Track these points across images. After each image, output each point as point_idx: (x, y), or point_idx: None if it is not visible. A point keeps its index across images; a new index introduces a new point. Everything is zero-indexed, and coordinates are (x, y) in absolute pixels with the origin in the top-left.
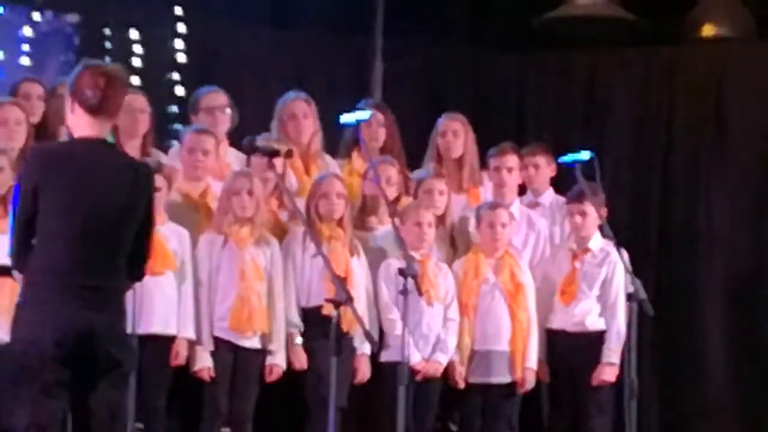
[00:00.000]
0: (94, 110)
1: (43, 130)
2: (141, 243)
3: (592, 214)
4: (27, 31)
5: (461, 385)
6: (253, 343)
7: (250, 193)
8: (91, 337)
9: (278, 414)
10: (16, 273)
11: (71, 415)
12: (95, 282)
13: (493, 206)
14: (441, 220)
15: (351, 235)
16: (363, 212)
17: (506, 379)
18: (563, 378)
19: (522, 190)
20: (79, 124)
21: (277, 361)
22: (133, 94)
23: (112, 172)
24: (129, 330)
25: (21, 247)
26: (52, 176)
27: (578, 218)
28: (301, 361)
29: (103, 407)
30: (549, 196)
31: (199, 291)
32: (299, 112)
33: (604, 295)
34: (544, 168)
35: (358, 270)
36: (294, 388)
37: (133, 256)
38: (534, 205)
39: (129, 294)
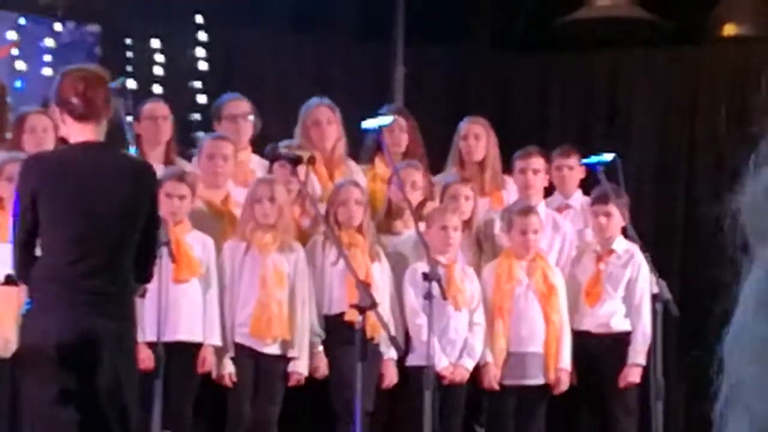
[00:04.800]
0: (82, 116)
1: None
2: (147, 243)
3: (617, 216)
4: (49, 41)
5: (496, 387)
6: (273, 349)
7: (272, 200)
8: (97, 342)
9: (304, 420)
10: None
11: (83, 422)
12: (102, 287)
13: (525, 212)
14: (467, 224)
15: (372, 241)
16: (389, 217)
17: (540, 380)
18: (589, 379)
19: (546, 192)
20: (72, 131)
21: (299, 368)
22: (154, 102)
23: (111, 174)
24: (153, 337)
25: (24, 258)
26: (49, 184)
27: (603, 219)
28: (322, 369)
29: (115, 415)
30: (578, 198)
31: (223, 297)
32: (323, 118)
33: (629, 296)
34: (576, 170)
35: (380, 275)
36: (320, 395)
37: (140, 257)
38: (564, 207)
39: (155, 301)
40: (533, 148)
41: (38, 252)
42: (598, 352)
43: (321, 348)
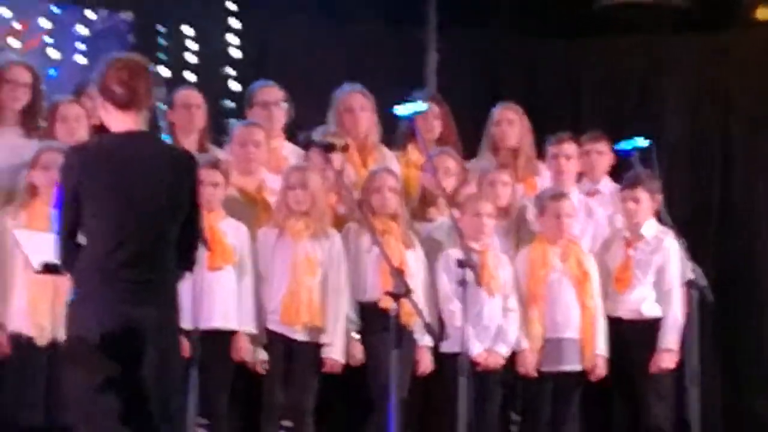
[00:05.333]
0: (125, 105)
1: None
2: (188, 232)
3: (645, 201)
4: (82, 29)
5: (533, 374)
6: (304, 336)
7: (305, 187)
8: (139, 331)
9: (340, 406)
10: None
11: (124, 411)
12: (142, 275)
13: (558, 196)
14: (505, 211)
15: (405, 228)
16: (423, 204)
17: (577, 367)
18: (621, 365)
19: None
20: (113, 120)
21: (334, 355)
22: (188, 89)
23: (151, 162)
24: (188, 325)
25: (67, 247)
26: (91, 173)
27: (631, 205)
28: (358, 356)
29: (156, 403)
30: (607, 183)
31: (257, 284)
32: (356, 105)
33: (659, 282)
34: (606, 155)
35: (414, 262)
36: (355, 382)
37: (182, 246)
38: (594, 192)
39: (189, 289)
40: (566, 134)
41: (82, 241)
42: (629, 338)
43: (356, 335)
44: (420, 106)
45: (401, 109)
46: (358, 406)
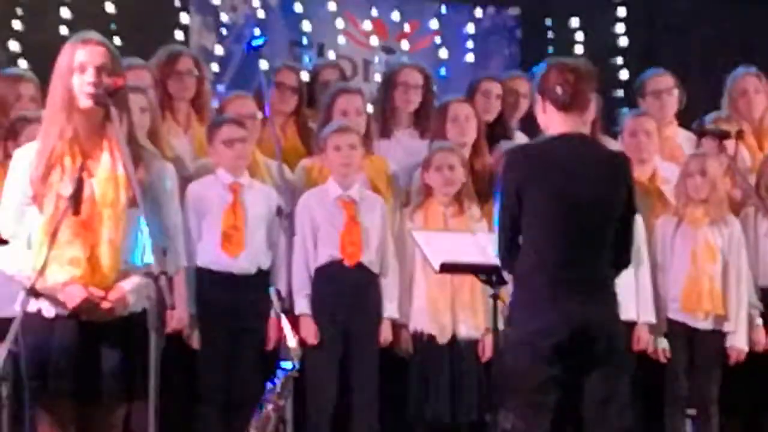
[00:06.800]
0: (566, 106)
1: (497, 127)
2: (624, 231)
3: None
4: (470, 27)
5: None
6: (706, 324)
7: (704, 173)
8: (586, 330)
9: (743, 395)
10: (505, 273)
11: (563, 411)
12: (583, 275)
13: None
14: None
15: None
16: None
17: None
18: None
19: None
20: (552, 121)
21: (738, 343)
22: None
23: (590, 165)
24: None
25: (507, 247)
26: (533, 175)
27: None
28: (762, 342)
29: (597, 398)
30: None
31: (656, 274)
32: (750, 88)
33: None
34: None
35: None
36: (759, 369)
37: (618, 245)
38: None
39: None
40: None
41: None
42: None
43: (760, 321)
44: None
45: None
46: (761, 394)
